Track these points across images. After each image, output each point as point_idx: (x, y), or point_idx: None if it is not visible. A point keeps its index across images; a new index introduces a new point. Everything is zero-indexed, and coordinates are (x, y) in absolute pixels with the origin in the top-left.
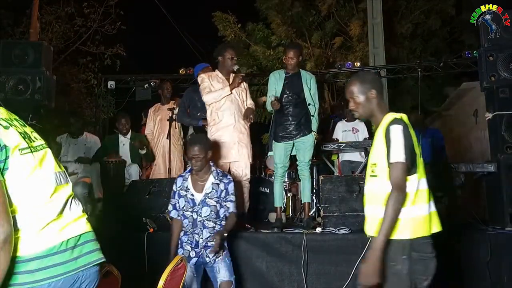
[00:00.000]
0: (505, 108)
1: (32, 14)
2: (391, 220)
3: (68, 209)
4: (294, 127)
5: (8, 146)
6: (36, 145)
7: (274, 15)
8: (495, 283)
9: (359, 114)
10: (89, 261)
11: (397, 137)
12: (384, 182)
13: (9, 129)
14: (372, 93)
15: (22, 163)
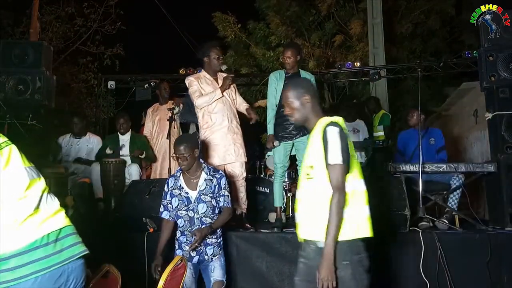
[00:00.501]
0: (505, 108)
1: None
2: (337, 222)
3: (45, 203)
4: (293, 127)
5: None
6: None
7: (273, 15)
8: (495, 283)
9: (295, 119)
10: (73, 254)
11: (334, 139)
12: (320, 184)
13: None
14: (306, 98)
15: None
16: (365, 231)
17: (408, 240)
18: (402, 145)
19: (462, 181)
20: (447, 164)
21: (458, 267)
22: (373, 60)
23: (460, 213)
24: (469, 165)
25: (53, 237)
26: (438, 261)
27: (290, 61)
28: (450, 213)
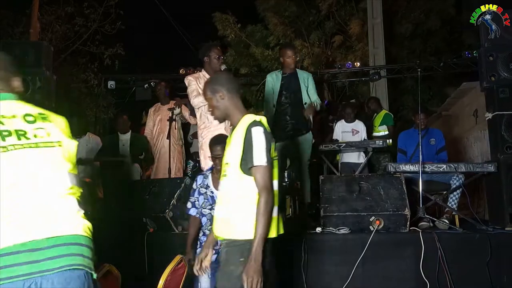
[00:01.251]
0: (505, 108)
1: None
2: (266, 225)
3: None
4: (291, 126)
5: None
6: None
7: (271, 16)
8: (495, 283)
9: (215, 116)
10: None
11: (258, 140)
12: (233, 182)
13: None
14: (221, 94)
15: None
16: (271, 232)
17: (408, 240)
18: (403, 145)
19: (462, 181)
20: (447, 164)
21: (458, 267)
22: (373, 60)
23: (460, 213)
24: (469, 165)
25: (32, 245)
26: (438, 261)
27: (291, 60)
28: (450, 213)
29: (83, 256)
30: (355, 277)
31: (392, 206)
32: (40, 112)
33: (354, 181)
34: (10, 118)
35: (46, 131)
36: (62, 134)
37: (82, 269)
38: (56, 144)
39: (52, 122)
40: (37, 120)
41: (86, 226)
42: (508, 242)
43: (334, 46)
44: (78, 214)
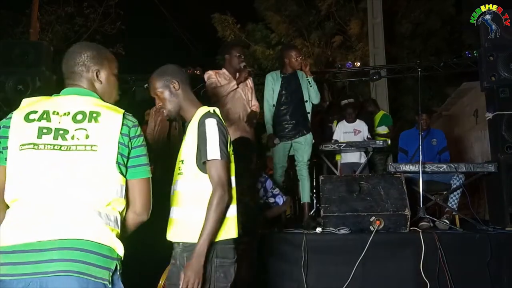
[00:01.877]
0: (505, 108)
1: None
2: (216, 222)
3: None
4: (292, 127)
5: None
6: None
7: (271, 15)
8: (495, 283)
9: (168, 111)
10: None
11: (212, 132)
12: (189, 181)
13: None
14: (174, 84)
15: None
16: (232, 233)
17: (408, 240)
18: (404, 145)
19: (462, 181)
20: (448, 164)
21: (458, 267)
22: (373, 60)
23: (460, 213)
24: (470, 165)
25: (37, 246)
26: (438, 261)
27: (297, 62)
28: (450, 213)
29: (85, 262)
30: (355, 277)
31: (392, 206)
32: (95, 110)
33: (354, 181)
34: (62, 115)
35: (86, 133)
36: (105, 136)
37: (80, 276)
38: (89, 148)
39: (100, 122)
40: (85, 119)
41: (104, 235)
42: (508, 242)
43: (334, 46)
44: (101, 224)
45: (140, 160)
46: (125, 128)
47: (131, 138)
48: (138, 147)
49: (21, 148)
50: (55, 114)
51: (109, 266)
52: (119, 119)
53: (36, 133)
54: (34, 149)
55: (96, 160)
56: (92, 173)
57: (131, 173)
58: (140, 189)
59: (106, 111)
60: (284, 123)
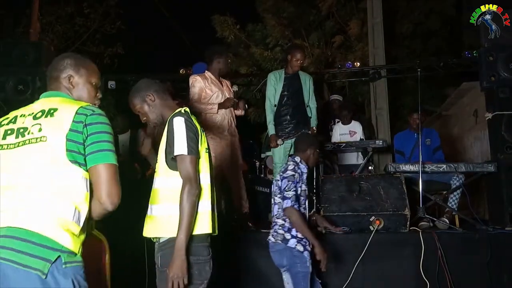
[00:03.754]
0: (505, 108)
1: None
2: (189, 216)
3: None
4: (292, 127)
5: None
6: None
7: (269, 18)
8: (495, 283)
9: (152, 122)
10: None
11: (178, 130)
12: (162, 179)
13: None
14: (150, 96)
15: None
16: (205, 227)
17: (408, 240)
18: (400, 146)
19: (462, 181)
20: (447, 164)
21: (458, 267)
22: (373, 60)
23: (460, 213)
24: (469, 165)
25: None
26: (438, 261)
27: (299, 64)
28: (450, 213)
29: (17, 251)
30: (355, 277)
31: (392, 206)
32: (54, 107)
33: (354, 181)
34: (27, 116)
35: (39, 127)
36: (55, 127)
37: (10, 264)
38: (38, 140)
39: (55, 116)
40: (43, 115)
41: (50, 225)
42: (508, 242)
43: (334, 46)
44: (47, 214)
45: (98, 146)
46: (79, 117)
47: (86, 125)
48: (94, 134)
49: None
50: (22, 116)
51: (46, 257)
52: (74, 109)
53: (2, 135)
54: (1, 150)
55: (45, 150)
56: (42, 163)
57: (90, 160)
58: (101, 176)
59: (64, 106)
60: (284, 123)
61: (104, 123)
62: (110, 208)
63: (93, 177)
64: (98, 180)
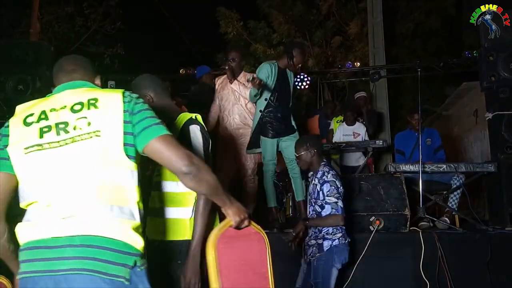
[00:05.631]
0: (505, 108)
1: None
2: (204, 221)
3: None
4: (280, 123)
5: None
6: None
7: (276, 14)
8: (495, 283)
9: None
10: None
11: (196, 139)
12: (174, 184)
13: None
14: (148, 97)
15: None
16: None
17: (408, 240)
18: (400, 146)
19: (462, 181)
20: (447, 164)
21: (458, 267)
22: (373, 60)
23: (460, 213)
24: (469, 165)
25: (50, 243)
26: (438, 261)
27: (299, 63)
28: (450, 213)
29: (99, 260)
30: (355, 277)
31: (392, 206)
32: (92, 97)
33: (354, 181)
34: (59, 109)
35: (87, 120)
36: (107, 119)
37: (94, 275)
38: (92, 136)
39: (99, 107)
40: (84, 108)
41: (117, 229)
42: (508, 242)
43: (334, 46)
44: (113, 217)
45: (146, 122)
46: (126, 105)
47: (132, 111)
48: (139, 112)
49: (25, 152)
50: (53, 111)
51: (125, 262)
52: (118, 98)
53: (38, 134)
54: (39, 150)
55: (102, 146)
56: (100, 161)
57: (144, 137)
58: (164, 147)
59: (103, 95)
60: (273, 120)
61: (142, 101)
62: (195, 170)
63: (156, 152)
64: (164, 153)
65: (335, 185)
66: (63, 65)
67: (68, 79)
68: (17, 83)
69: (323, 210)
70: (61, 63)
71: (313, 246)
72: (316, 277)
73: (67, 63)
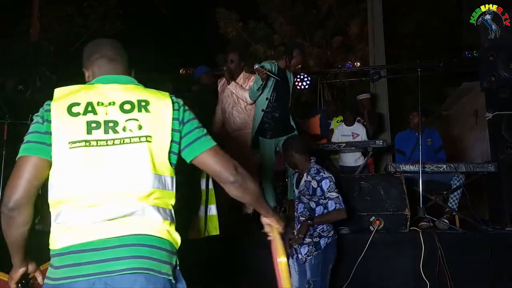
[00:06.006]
0: (505, 108)
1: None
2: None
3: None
4: (278, 124)
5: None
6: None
7: (276, 15)
8: (495, 283)
9: None
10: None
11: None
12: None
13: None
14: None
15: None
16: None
17: (408, 240)
18: (400, 146)
19: (462, 181)
20: (447, 164)
21: (458, 267)
22: (373, 60)
23: (460, 213)
24: (469, 165)
25: (97, 245)
26: (438, 261)
27: (299, 64)
28: (450, 213)
29: (152, 258)
30: (355, 277)
31: (392, 206)
32: (143, 99)
33: (354, 181)
34: (107, 105)
35: (138, 123)
36: (158, 126)
37: (149, 273)
38: (143, 140)
39: (151, 111)
40: (134, 109)
41: (164, 229)
42: (508, 242)
43: (334, 46)
44: (160, 218)
45: (196, 133)
46: (175, 113)
47: (182, 120)
48: (188, 122)
49: (70, 146)
50: (100, 105)
51: (171, 261)
52: (168, 104)
53: (85, 128)
54: (86, 147)
55: (150, 152)
56: (147, 166)
57: (194, 149)
58: (214, 159)
59: (154, 98)
60: (271, 121)
61: (189, 110)
62: (240, 180)
63: (205, 164)
64: (214, 165)
65: (333, 181)
66: (105, 51)
67: (110, 68)
68: (17, 83)
69: (318, 206)
70: (100, 48)
71: (309, 244)
72: (315, 275)
73: (109, 50)
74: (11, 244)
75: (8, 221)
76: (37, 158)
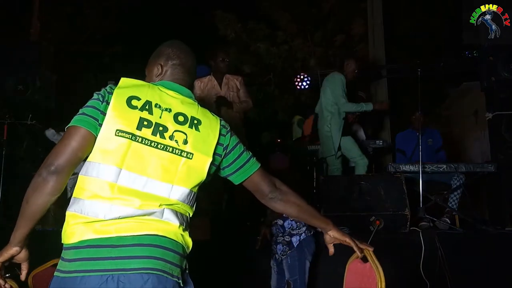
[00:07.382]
0: (505, 108)
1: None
2: None
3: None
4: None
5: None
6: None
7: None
8: (495, 283)
9: None
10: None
11: None
12: None
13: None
14: None
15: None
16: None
17: (408, 240)
18: (401, 146)
19: (462, 181)
20: (448, 164)
21: (458, 267)
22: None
23: (460, 213)
24: (470, 165)
25: (115, 241)
26: (438, 261)
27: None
28: (450, 213)
29: (165, 260)
30: None
31: (392, 206)
32: (196, 117)
33: (354, 181)
34: (163, 109)
35: (185, 138)
36: (203, 146)
37: (161, 274)
38: (184, 155)
39: (200, 131)
40: (186, 123)
41: (179, 233)
42: (508, 242)
43: (335, 46)
44: (178, 223)
45: (244, 158)
46: (222, 138)
47: (227, 146)
48: (234, 148)
49: (117, 133)
50: (157, 107)
51: (182, 264)
52: (217, 128)
53: (137, 123)
54: (130, 139)
55: (188, 168)
56: (180, 180)
57: (244, 173)
58: (261, 180)
59: (205, 119)
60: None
61: (234, 134)
62: (276, 195)
63: (249, 184)
64: (257, 185)
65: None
66: (186, 61)
67: (180, 78)
68: (17, 83)
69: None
70: (185, 56)
71: (282, 244)
72: (293, 274)
73: (190, 61)
74: (25, 213)
75: (41, 185)
76: (87, 131)
